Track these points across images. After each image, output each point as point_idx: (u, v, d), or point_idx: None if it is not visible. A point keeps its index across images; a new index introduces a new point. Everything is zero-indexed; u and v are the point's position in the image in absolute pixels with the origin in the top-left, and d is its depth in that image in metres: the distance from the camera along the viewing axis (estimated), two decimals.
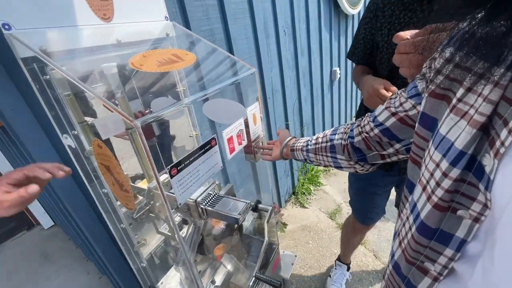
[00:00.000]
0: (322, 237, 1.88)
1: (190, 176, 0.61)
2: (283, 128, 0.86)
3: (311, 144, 0.72)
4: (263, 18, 1.56)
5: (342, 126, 0.70)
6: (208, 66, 1.10)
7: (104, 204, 0.79)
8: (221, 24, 1.29)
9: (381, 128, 0.55)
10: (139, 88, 0.94)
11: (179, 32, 0.95)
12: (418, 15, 0.86)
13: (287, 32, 1.84)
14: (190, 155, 0.61)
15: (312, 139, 0.73)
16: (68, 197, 0.86)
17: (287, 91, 1.94)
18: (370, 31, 1.00)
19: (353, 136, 0.63)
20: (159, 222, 0.89)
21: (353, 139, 0.63)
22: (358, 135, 0.62)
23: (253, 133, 0.89)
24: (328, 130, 0.72)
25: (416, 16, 0.86)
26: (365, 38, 1.03)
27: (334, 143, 0.67)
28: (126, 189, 0.63)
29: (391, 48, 0.93)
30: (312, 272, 1.63)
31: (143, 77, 0.95)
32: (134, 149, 0.72)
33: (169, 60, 0.72)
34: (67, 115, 0.67)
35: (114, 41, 0.75)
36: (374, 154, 0.62)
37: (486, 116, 0.26)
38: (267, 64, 1.68)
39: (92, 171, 0.75)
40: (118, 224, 0.84)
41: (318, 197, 2.32)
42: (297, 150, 0.76)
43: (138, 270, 0.95)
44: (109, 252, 1.02)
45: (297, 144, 0.77)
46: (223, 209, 0.65)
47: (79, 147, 0.70)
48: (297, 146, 0.77)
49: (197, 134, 1.14)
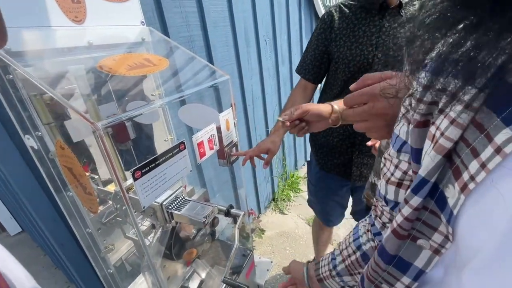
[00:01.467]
0: (299, 243, 1.90)
1: (155, 179, 0.62)
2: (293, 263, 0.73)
3: (339, 264, 0.55)
4: (243, 27, 1.60)
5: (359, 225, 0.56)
6: (186, 74, 1.12)
7: (69, 209, 0.77)
8: (201, 31, 1.31)
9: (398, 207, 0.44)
10: (115, 91, 0.93)
11: (155, 37, 0.96)
12: (371, 29, 0.92)
13: (268, 41, 1.89)
14: (155, 159, 0.61)
15: (335, 255, 0.57)
16: (32, 201, 0.83)
17: (267, 98, 1.98)
18: (323, 42, 1.03)
19: (380, 233, 0.51)
20: (127, 227, 0.88)
21: (380, 235, 0.51)
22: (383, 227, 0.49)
23: (226, 138, 0.91)
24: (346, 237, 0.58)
25: (369, 30, 0.92)
26: (316, 50, 1.05)
27: (365, 250, 0.53)
28: (90, 192, 0.62)
29: (346, 59, 0.98)
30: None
31: (120, 81, 0.95)
32: (102, 152, 0.71)
33: (140, 64, 0.72)
34: (30, 116, 0.66)
35: (86, 43, 0.75)
36: None
37: (453, 141, 0.23)
38: (247, 71, 1.71)
39: (57, 174, 0.74)
40: (84, 229, 0.82)
41: (298, 203, 2.36)
42: (327, 279, 0.57)
43: (104, 277, 0.92)
44: (76, 259, 0.98)
45: (322, 271, 0.58)
46: (189, 213, 0.66)
47: (43, 148, 0.69)
48: (324, 273, 0.58)
49: (172, 139, 1.14)
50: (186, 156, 0.71)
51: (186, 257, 0.88)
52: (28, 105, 0.64)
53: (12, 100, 0.62)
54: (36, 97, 0.67)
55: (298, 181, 2.56)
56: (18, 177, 0.78)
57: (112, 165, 0.49)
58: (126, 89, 1.00)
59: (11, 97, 0.62)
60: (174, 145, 0.67)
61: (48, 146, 0.70)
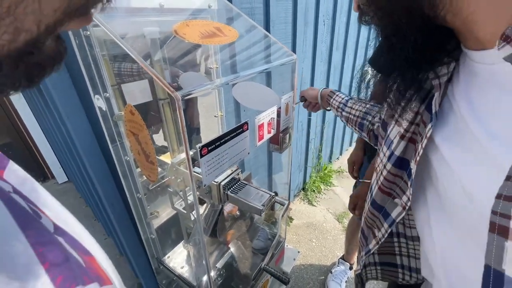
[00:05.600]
0: (327, 237, 1.86)
1: (218, 158, 0.59)
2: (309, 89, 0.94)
3: (346, 111, 0.78)
4: (305, 4, 1.48)
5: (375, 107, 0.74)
6: (244, 47, 1.05)
7: (124, 170, 0.79)
8: (262, 4, 1.22)
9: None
10: (169, 58, 0.90)
11: (221, 5, 0.91)
12: None
13: (327, 23, 1.74)
14: (221, 137, 0.58)
15: (347, 105, 0.78)
16: (89, 156, 0.86)
17: (315, 85, 1.87)
18: None
19: (374, 123, 0.71)
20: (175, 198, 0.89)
21: (373, 126, 0.71)
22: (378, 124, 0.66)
23: (284, 123, 0.85)
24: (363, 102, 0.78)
25: None
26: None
27: (364, 123, 0.74)
28: (152, 161, 0.61)
29: None
30: (312, 270, 1.62)
31: (175, 46, 0.91)
32: (163, 121, 0.69)
33: (211, 33, 0.68)
34: (101, 76, 0.65)
35: (157, 5, 0.71)
36: None
37: (407, 131, 0.41)
38: (301, 53, 1.60)
39: (118, 136, 0.74)
40: (135, 193, 0.84)
41: (328, 197, 2.29)
42: (333, 107, 0.83)
43: (147, 240, 0.96)
44: (120, 216, 1.02)
45: (332, 100, 0.83)
46: (246, 197, 0.63)
47: (108, 110, 0.69)
48: (333, 103, 0.82)
49: (222, 115, 1.11)
50: (247, 138, 0.67)
51: (227, 237, 0.87)
52: (100, 65, 0.63)
53: (87, 58, 0.61)
54: (105, 57, 0.66)
55: (330, 174, 2.47)
56: (80, 134, 0.80)
57: (185, 139, 0.47)
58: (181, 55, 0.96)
59: (86, 55, 0.61)
60: (238, 124, 0.63)
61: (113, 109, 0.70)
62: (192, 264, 0.87)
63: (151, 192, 0.93)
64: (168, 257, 0.95)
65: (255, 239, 1.08)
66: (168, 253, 0.96)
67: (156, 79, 0.45)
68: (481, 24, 0.26)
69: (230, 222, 0.87)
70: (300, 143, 2.03)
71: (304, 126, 1.99)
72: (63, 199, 2.47)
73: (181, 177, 0.68)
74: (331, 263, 1.65)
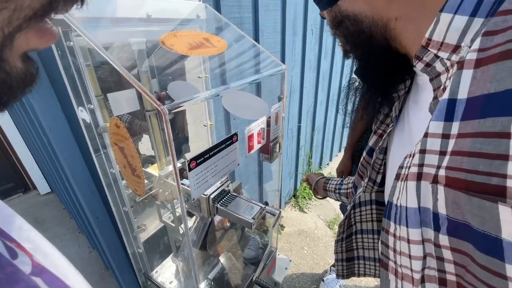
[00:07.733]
0: (318, 244, 1.85)
1: (207, 171, 0.57)
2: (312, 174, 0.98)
3: (343, 188, 0.81)
4: (293, 14, 1.50)
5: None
6: (233, 56, 1.05)
7: (109, 183, 0.76)
8: (251, 14, 1.23)
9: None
10: (157, 67, 0.89)
11: (210, 15, 0.90)
12: None
13: (315, 32, 1.78)
14: (210, 149, 0.57)
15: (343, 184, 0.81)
16: (72, 168, 0.82)
17: (304, 92, 1.89)
18: None
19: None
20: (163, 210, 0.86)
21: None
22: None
23: (273, 132, 0.85)
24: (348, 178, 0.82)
25: None
26: None
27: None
28: (138, 175, 0.59)
29: None
30: (304, 279, 1.61)
31: (163, 56, 0.90)
32: (150, 133, 0.68)
33: (200, 44, 0.67)
34: (85, 86, 0.63)
35: (144, 15, 0.70)
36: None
37: (378, 128, 0.52)
38: (290, 62, 1.62)
39: (102, 148, 0.72)
40: (121, 206, 0.81)
41: (319, 203, 2.29)
42: (330, 191, 0.85)
43: (133, 255, 0.92)
44: (105, 229, 0.98)
45: (328, 185, 0.86)
46: (236, 210, 0.62)
47: (93, 122, 0.66)
48: (329, 187, 0.86)
49: (212, 124, 1.10)
50: (236, 149, 0.67)
51: (217, 250, 0.85)
52: (84, 76, 0.61)
53: (70, 68, 0.59)
54: (89, 67, 0.64)
55: None
56: (63, 146, 0.77)
57: (172, 153, 0.45)
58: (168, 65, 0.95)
59: (69, 65, 0.59)
60: (227, 136, 0.63)
61: (98, 120, 0.68)
62: (181, 279, 0.84)
63: (138, 204, 0.90)
64: (156, 272, 0.92)
65: (247, 249, 1.06)
66: (156, 268, 0.93)
67: (142, 93, 0.43)
68: (411, 49, 0.36)
69: (220, 233, 0.85)
70: (290, 150, 2.03)
71: (294, 133, 2.00)
72: (45, 211, 2.36)
73: (169, 190, 0.66)
74: (323, 271, 1.65)
